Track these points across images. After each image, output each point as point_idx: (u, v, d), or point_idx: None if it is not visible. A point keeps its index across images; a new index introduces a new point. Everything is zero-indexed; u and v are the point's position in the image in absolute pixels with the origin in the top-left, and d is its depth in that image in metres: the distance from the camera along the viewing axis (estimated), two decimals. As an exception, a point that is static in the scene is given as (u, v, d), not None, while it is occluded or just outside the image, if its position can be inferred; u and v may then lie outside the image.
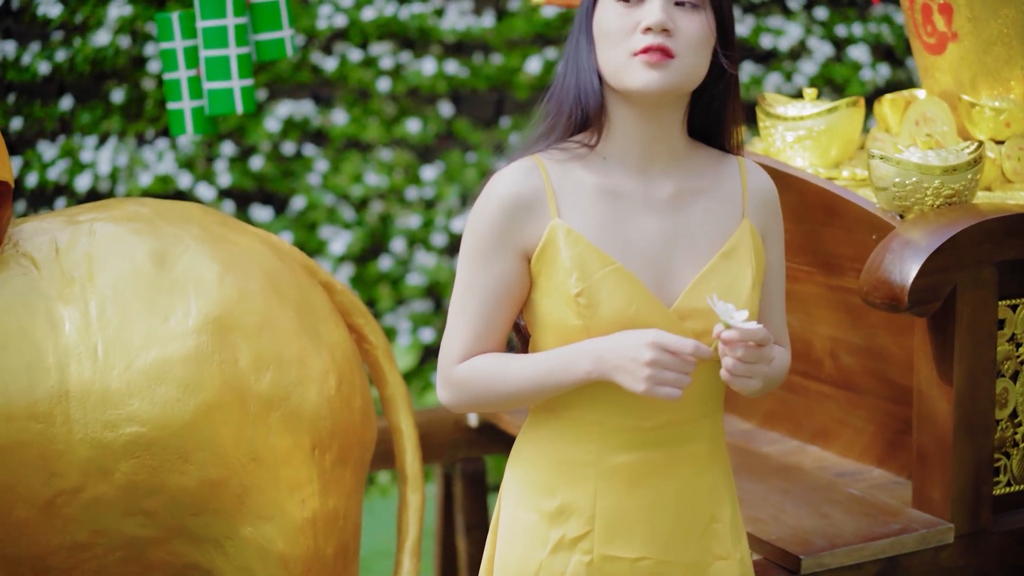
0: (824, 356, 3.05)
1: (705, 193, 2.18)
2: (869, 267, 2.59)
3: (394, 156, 5.57)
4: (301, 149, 5.56)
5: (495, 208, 2.13)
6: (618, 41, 2.10)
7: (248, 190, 5.53)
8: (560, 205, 2.12)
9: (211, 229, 2.68)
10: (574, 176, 2.14)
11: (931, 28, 3.07)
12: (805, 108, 3.10)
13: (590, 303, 2.09)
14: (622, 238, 2.13)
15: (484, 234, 2.13)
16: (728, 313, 2.01)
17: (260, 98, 5.50)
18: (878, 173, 2.72)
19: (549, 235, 2.11)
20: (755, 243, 2.18)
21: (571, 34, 2.20)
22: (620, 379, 2.06)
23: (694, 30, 2.10)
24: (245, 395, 2.55)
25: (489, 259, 2.14)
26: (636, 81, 2.09)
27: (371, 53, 5.56)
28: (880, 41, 5.90)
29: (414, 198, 5.57)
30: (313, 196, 5.49)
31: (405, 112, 5.59)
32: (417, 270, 5.52)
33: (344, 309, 2.88)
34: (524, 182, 2.12)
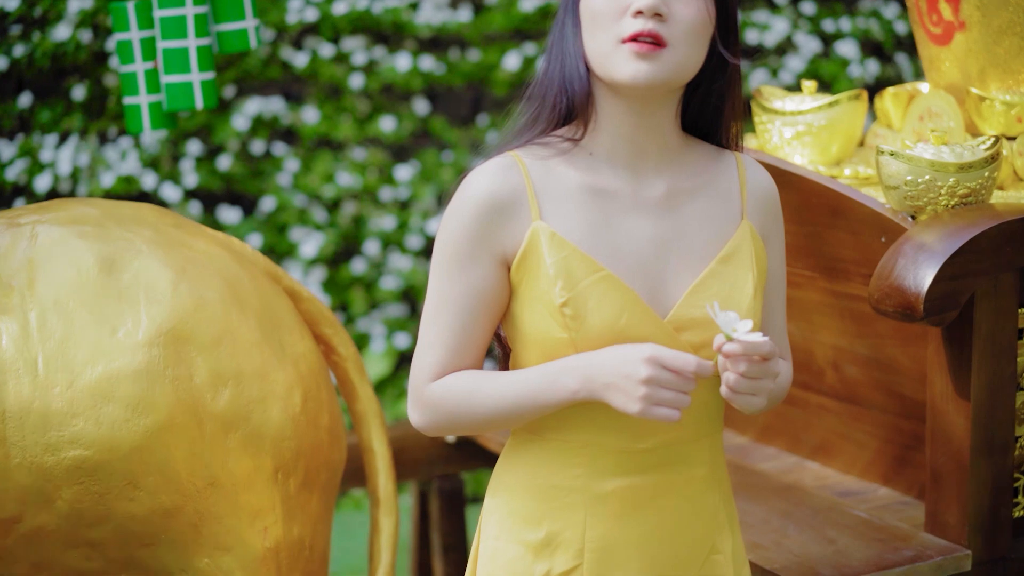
0: (826, 367, 2.90)
1: (700, 192, 2.05)
2: (880, 273, 2.42)
3: (367, 155, 5.49)
4: (270, 148, 5.48)
5: (470, 210, 1.98)
6: (606, 25, 1.96)
7: (215, 191, 5.44)
8: (542, 206, 1.98)
9: (165, 232, 2.50)
10: (557, 174, 2.00)
11: (936, 17, 2.95)
12: (804, 102, 2.96)
13: (577, 314, 1.95)
14: (611, 242, 1.99)
15: (458, 239, 1.99)
16: (730, 324, 1.87)
17: (228, 95, 5.42)
18: (888, 171, 2.55)
19: (530, 239, 1.97)
20: (756, 246, 2.05)
21: (557, 17, 2.06)
22: (612, 399, 1.91)
23: (690, 16, 1.96)
24: (201, 414, 2.39)
25: (464, 266, 1.99)
26: (623, 72, 1.95)
27: (343, 48, 5.48)
28: (869, 36, 5.82)
29: (388, 199, 5.49)
30: (283, 197, 5.41)
31: (379, 110, 5.52)
32: (392, 273, 5.45)
33: (311, 318, 2.71)
34: (502, 181, 1.98)
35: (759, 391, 1.91)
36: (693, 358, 1.89)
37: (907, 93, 3.12)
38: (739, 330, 1.86)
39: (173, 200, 5.34)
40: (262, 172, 5.47)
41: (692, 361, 1.88)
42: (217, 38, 2.87)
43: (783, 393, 2.18)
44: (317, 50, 5.46)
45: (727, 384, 1.91)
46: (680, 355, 1.89)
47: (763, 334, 2.02)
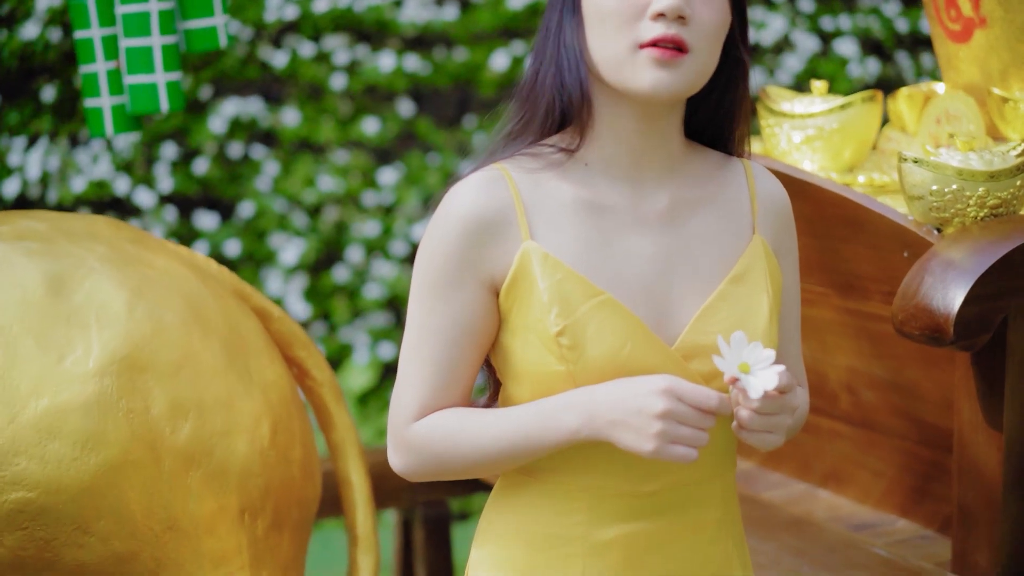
0: (840, 390, 2.74)
1: (707, 204, 1.89)
2: (904, 292, 2.24)
3: (350, 158, 5.44)
4: (249, 151, 5.42)
5: (452, 230, 1.82)
6: (620, 28, 1.79)
7: (191, 195, 5.39)
8: (533, 224, 1.82)
9: (121, 248, 2.32)
10: (549, 188, 1.84)
11: (955, 13, 2.81)
12: (814, 104, 2.80)
13: (575, 344, 1.79)
14: (610, 262, 1.83)
15: (439, 263, 1.83)
16: (741, 351, 1.71)
17: (204, 96, 5.37)
18: (911, 180, 2.38)
19: (521, 261, 1.81)
20: (770, 264, 1.89)
21: (549, 13, 1.88)
22: (620, 437, 1.75)
23: (712, 16, 1.81)
24: (158, 450, 2.21)
25: (447, 293, 1.84)
26: (642, 82, 1.79)
27: (324, 47, 5.43)
28: (869, 35, 5.75)
29: (372, 203, 5.43)
30: (262, 202, 5.36)
31: (361, 111, 5.47)
32: (376, 281, 5.40)
33: (283, 339, 2.55)
34: (487, 197, 1.81)
35: (776, 428, 1.76)
36: (715, 393, 1.74)
37: (922, 94, 2.97)
38: (756, 360, 1.71)
39: (147, 206, 5.29)
40: (240, 176, 5.43)
41: (713, 396, 1.73)
42: (184, 36, 2.75)
43: (801, 424, 2.02)
44: (297, 49, 5.43)
45: (741, 421, 1.76)
46: (699, 388, 1.74)
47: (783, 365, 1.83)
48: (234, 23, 5.29)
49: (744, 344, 1.71)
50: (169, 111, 2.66)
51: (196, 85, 5.32)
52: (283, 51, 5.40)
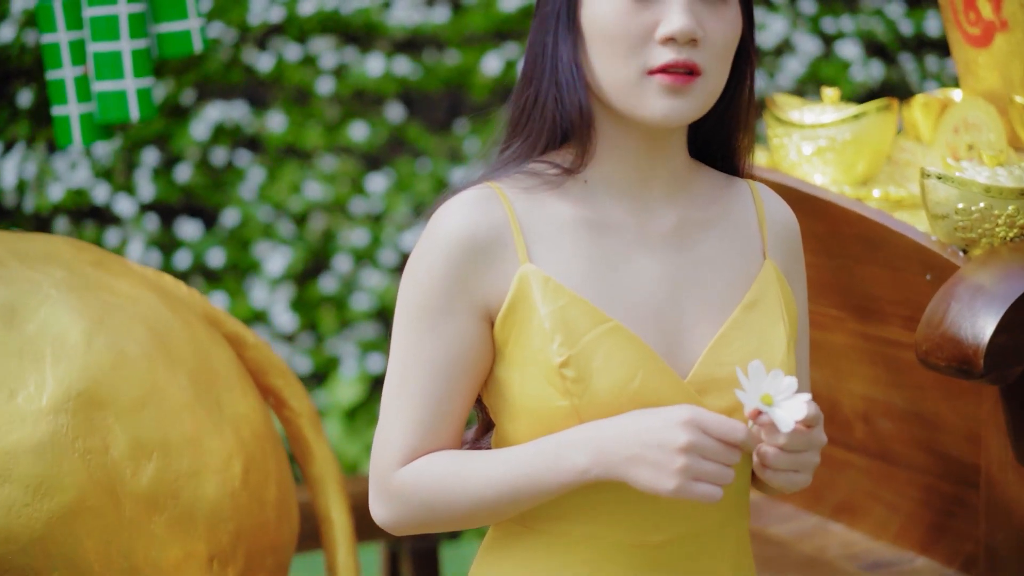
0: (855, 419, 2.59)
1: (714, 226, 1.80)
2: (929, 320, 2.11)
3: (337, 165, 5.39)
4: (233, 157, 5.39)
5: (442, 253, 1.70)
6: (627, 52, 1.69)
7: (173, 204, 5.35)
8: (531, 245, 1.71)
9: (81, 272, 2.18)
10: (546, 206, 1.73)
11: (974, 16, 2.69)
12: (825, 113, 2.68)
13: (580, 376, 1.67)
14: (617, 286, 1.73)
15: (428, 289, 1.71)
16: (760, 381, 1.61)
17: (187, 100, 5.34)
18: (935, 197, 2.24)
19: (518, 286, 1.70)
20: (783, 290, 1.80)
21: (541, 26, 1.76)
22: (636, 475, 1.63)
23: (725, 31, 1.72)
24: (119, 494, 2.07)
25: (436, 323, 1.71)
26: (653, 110, 1.70)
27: (311, 50, 5.39)
28: (872, 38, 5.69)
29: (360, 211, 5.38)
30: (247, 210, 5.32)
31: (349, 116, 5.43)
32: (364, 291, 5.35)
33: (258, 367, 2.42)
34: (479, 216, 1.70)
35: (804, 466, 1.66)
36: (741, 424, 1.63)
37: (938, 102, 2.84)
38: (778, 390, 1.61)
39: (127, 214, 5.25)
40: (224, 183, 5.39)
41: (740, 428, 1.62)
42: (157, 40, 2.65)
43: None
44: (283, 52, 5.40)
45: (764, 460, 1.64)
46: (725, 419, 1.63)
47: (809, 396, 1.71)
48: (217, 25, 5.25)
49: (763, 374, 1.61)
50: (140, 119, 2.57)
51: (178, 89, 5.28)
52: (268, 54, 5.37)
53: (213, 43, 5.21)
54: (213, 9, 5.21)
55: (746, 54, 1.77)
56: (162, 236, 5.26)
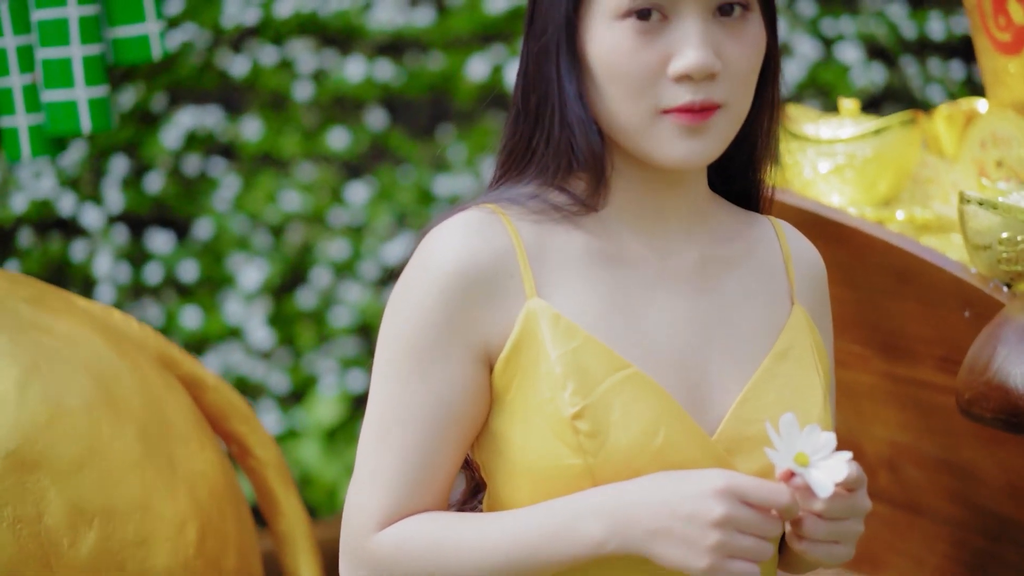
0: (879, 465, 2.42)
1: (738, 266, 1.64)
2: (972, 366, 1.95)
3: (316, 173, 5.27)
4: (206, 166, 5.25)
5: (436, 284, 1.53)
6: (636, 90, 1.53)
7: (143, 214, 5.21)
8: (539, 277, 1.55)
9: (14, 311, 2.03)
10: (556, 234, 1.56)
11: (1004, 20, 2.56)
12: (843, 127, 2.53)
13: (596, 430, 1.51)
14: (635, 327, 1.57)
15: (418, 326, 1.53)
16: (795, 438, 1.46)
17: (158, 106, 5.21)
18: (976, 225, 2.08)
19: (524, 324, 1.53)
20: (815, 339, 1.65)
21: (542, 52, 1.58)
22: (663, 552, 1.46)
23: (747, 57, 1.55)
24: (54, 567, 1.90)
25: (425, 365, 1.53)
26: (670, 153, 1.54)
27: (288, 53, 5.27)
28: (874, 40, 5.57)
29: (340, 222, 5.25)
30: (221, 221, 5.19)
31: (329, 122, 5.30)
32: (344, 305, 5.21)
33: (219, 412, 2.25)
34: (481, 242, 1.53)
35: (844, 537, 1.50)
36: (785, 488, 1.46)
37: (963, 113, 2.70)
38: (813, 447, 1.46)
39: (95, 226, 5.10)
40: (196, 193, 5.26)
41: (784, 492, 1.46)
42: (112, 46, 2.55)
43: None
44: (258, 56, 5.28)
45: (799, 530, 1.48)
46: (764, 484, 1.47)
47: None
48: (189, 27, 5.13)
49: (797, 429, 1.45)
50: (93, 131, 2.46)
51: (148, 95, 5.16)
52: (243, 57, 5.24)
53: (185, 46, 5.11)
54: (185, 10, 5.10)
55: (769, 71, 1.59)
56: (131, 249, 5.13)
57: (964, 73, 5.44)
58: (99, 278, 4.96)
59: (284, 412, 5.16)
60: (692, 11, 1.50)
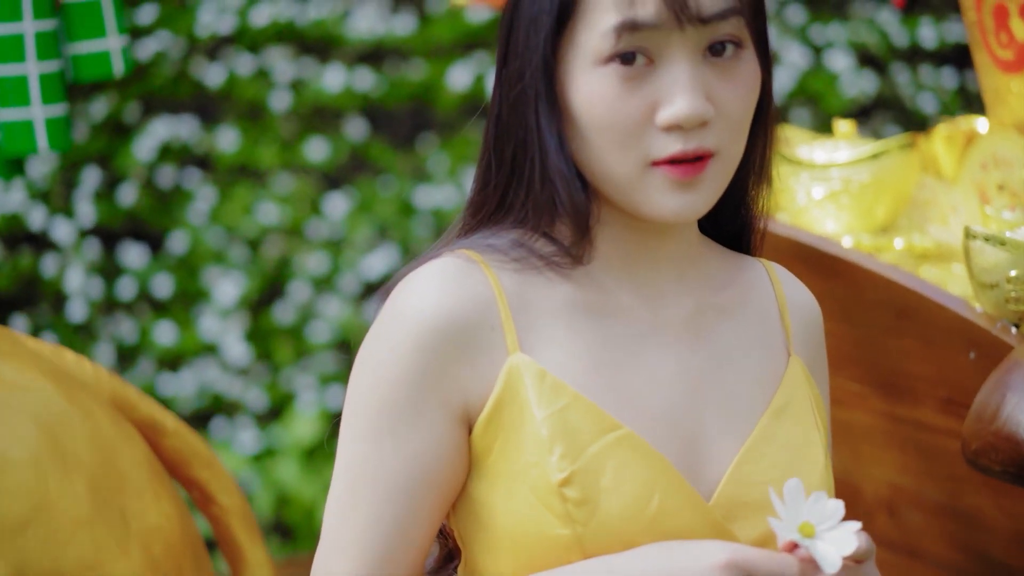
0: (877, 508, 2.35)
1: (731, 314, 1.55)
2: (979, 414, 1.86)
3: (294, 185, 5.24)
4: (181, 178, 5.23)
5: (410, 338, 1.43)
6: (622, 141, 1.43)
7: (116, 228, 5.17)
8: (522, 330, 1.46)
9: None
10: (539, 285, 1.47)
11: (1007, 37, 2.51)
12: (838, 150, 2.45)
13: (585, 497, 1.41)
14: (626, 385, 1.47)
15: (391, 384, 1.43)
16: (799, 508, 1.39)
17: (131, 117, 5.18)
18: (983, 262, 1.99)
19: (507, 382, 1.43)
20: (813, 392, 1.56)
21: (521, 97, 1.48)
22: None
23: (741, 99, 1.46)
24: None
25: (399, 426, 1.44)
26: (661, 208, 1.45)
27: (265, 62, 5.25)
28: (864, 48, 5.56)
29: (318, 235, 5.23)
30: (196, 234, 5.15)
31: (307, 132, 5.28)
32: (323, 319, 5.17)
33: (179, 458, 2.12)
34: (460, 291, 1.44)
35: None
36: (793, 560, 1.38)
37: (962, 133, 2.64)
38: (819, 516, 1.39)
39: (66, 240, 5.06)
40: (171, 205, 5.23)
41: (791, 565, 1.39)
42: (72, 62, 2.49)
43: None
44: (234, 64, 5.26)
45: None
46: (771, 556, 1.40)
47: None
48: (164, 34, 5.11)
49: (802, 496, 1.39)
50: (51, 151, 2.41)
51: (121, 105, 5.12)
52: (219, 66, 5.22)
53: (159, 55, 5.09)
54: (159, 18, 5.08)
55: (763, 109, 1.49)
56: (104, 263, 5.08)
57: (957, 82, 5.47)
58: (70, 294, 4.92)
59: (261, 430, 5.13)
60: (680, 54, 1.40)
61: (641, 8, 1.39)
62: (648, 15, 1.39)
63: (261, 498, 4.84)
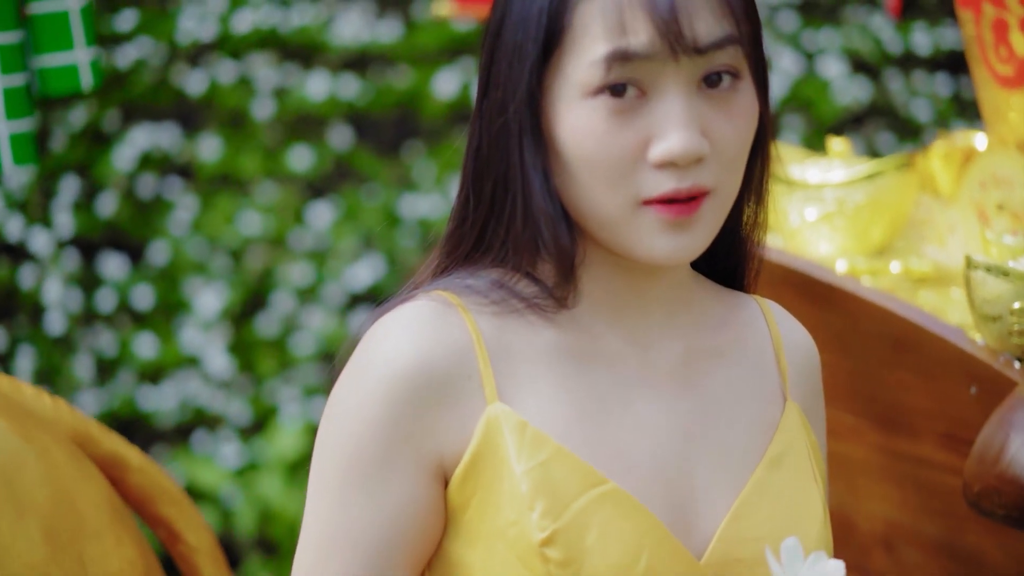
0: (873, 544, 2.28)
1: (725, 358, 1.48)
2: (982, 455, 1.81)
3: (277, 194, 5.20)
4: (162, 187, 5.18)
5: (381, 388, 1.37)
6: (612, 178, 1.35)
7: (96, 238, 5.12)
8: (501, 379, 1.38)
9: None
10: (521, 330, 1.40)
11: (1007, 52, 2.49)
12: (833, 170, 2.39)
13: (569, 557, 1.35)
14: (613, 436, 1.40)
15: (362, 437, 1.37)
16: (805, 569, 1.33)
17: (111, 125, 5.15)
18: (985, 294, 1.94)
19: (485, 434, 1.37)
20: (810, 440, 1.50)
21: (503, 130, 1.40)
22: None
23: (736, 133, 1.38)
24: None
25: (370, 482, 1.37)
26: (652, 250, 1.37)
27: (247, 69, 5.22)
28: (857, 54, 5.52)
29: (302, 245, 5.19)
30: (177, 244, 5.11)
31: (290, 140, 5.24)
32: (307, 331, 5.13)
33: (144, 495, 2.03)
34: (435, 337, 1.37)
35: None
36: None
37: (960, 151, 2.59)
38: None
39: (44, 251, 5.01)
40: (152, 215, 5.19)
41: None
42: (39, 76, 2.46)
43: None
44: (216, 72, 5.22)
45: None
46: None
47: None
48: (145, 41, 5.08)
49: (800, 556, 1.33)
50: (16, 165, 2.37)
51: (100, 112, 5.08)
52: (200, 74, 5.18)
53: (139, 62, 5.06)
54: (138, 25, 5.05)
55: (761, 143, 1.41)
56: (83, 274, 5.04)
57: (952, 89, 5.45)
58: (49, 305, 4.88)
59: (244, 444, 5.09)
60: (674, 86, 1.32)
61: (633, 37, 1.31)
62: (641, 45, 1.31)
63: (244, 514, 4.81)
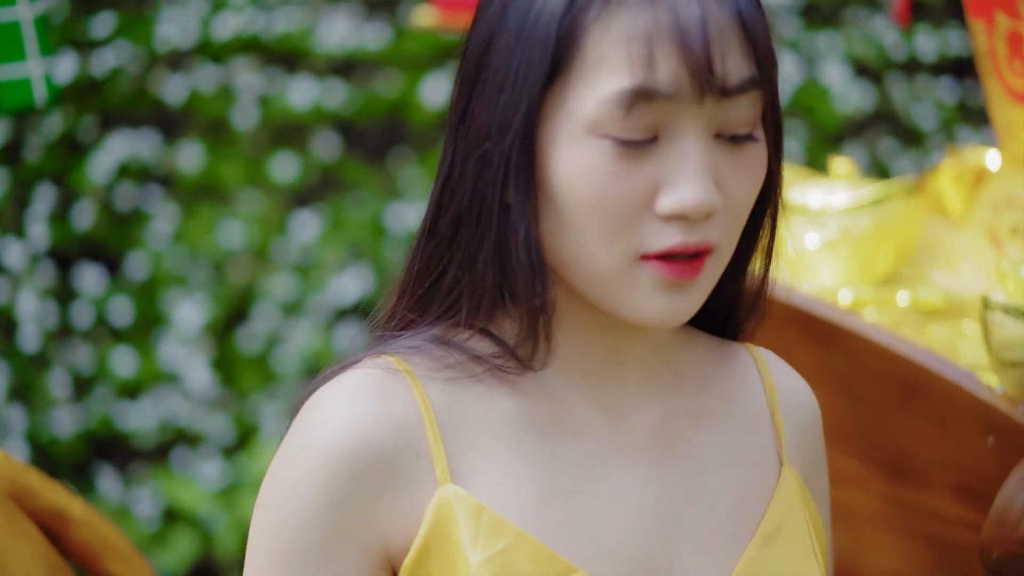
0: None
1: (711, 420, 1.35)
2: (1001, 517, 1.68)
3: (260, 204, 5.18)
4: (140, 197, 5.14)
5: (319, 471, 1.25)
6: (614, 227, 1.22)
7: (71, 250, 5.08)
8: (454, 456, 1.27)
9: None
10: (477, 398, 1.28)
11: (1020, 65, 2.42)
12: (835, 193, 2.27)
13: None
14: (582, 518, 1.28)
15: (299, 525, 1.25)
16: None
17: (87, 134, 5.09)
18: (1004, 338, 1.81)
19: (436, 519, 1.25)
20: (809, 509, 1.37)
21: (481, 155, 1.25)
22: None
23: (747, 188, 1.26)
24: None
25: (311, 574, 1.25)
26: (645, 311, 1.25)
27: (229, 76, 5.19)
28: (860, 60, 5.51)
29: (286, 257, 5.17)
30: (157, 256, 5.08)
31: (274, 148, 5.22)
32: (291, 345, 5.11)
33: (89, 550, 1.88)
34: (377, 412, 1.25)
35: None
36: None
37: (971, 171, 2.50)
38: None
39: (18, 264, 4.96)
40: (130, 227, 5.15)
41: None
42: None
43: None
44: (197, 78, 5.18)
45: None
46: None
47: None
48: (123, 45, 5.03)
49: None
50: None
51: (77, 120, 5.03)
52: (180, 80, 5.14)
53: (116, 69, 5.00)
54: (117, 30, 5.01)
55: (768, 201, 1.30)
56: (58, 287, 4.99)
57: (958, 95, 5.44)
58: (22, 320, 4.82)
59: (226, 462, 5.05)
60: (692, 130, 1.19)
61: (662, 72, 1.17)
62: (668, 83, 1.17)
63: (226, 535, 4.82)
